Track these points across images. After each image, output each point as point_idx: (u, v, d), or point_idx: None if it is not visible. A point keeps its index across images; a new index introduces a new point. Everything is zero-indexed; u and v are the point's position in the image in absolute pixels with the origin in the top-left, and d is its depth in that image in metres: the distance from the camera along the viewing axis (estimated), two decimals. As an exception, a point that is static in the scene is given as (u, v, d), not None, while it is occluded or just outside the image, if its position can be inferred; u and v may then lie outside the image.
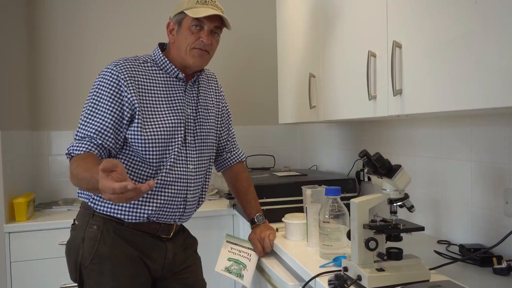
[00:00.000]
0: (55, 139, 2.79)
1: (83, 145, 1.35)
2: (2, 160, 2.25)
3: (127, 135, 1.42)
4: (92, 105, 1.41)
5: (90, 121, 1.39)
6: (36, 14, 2.76)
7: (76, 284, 1.48)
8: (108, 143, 1.39)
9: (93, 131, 1.37)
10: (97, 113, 1.40)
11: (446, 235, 1.61)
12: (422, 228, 1.18)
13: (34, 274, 2.23)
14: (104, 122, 1.38)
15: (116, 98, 1.40)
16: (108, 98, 1.40)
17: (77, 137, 1.39)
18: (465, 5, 1.03)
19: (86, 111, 1.42)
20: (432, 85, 1.15)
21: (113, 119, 1.39)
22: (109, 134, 1.39)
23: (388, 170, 1.16)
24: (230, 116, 1.76)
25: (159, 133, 1.43)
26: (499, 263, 1.24)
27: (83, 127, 1.39)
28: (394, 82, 1.29)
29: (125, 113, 1.41)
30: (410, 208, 1.18)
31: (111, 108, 1.39)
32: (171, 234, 1.53)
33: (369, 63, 1.43)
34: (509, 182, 1.33)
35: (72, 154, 1.35)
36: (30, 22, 2.74)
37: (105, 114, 1.39)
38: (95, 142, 1.37)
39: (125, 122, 1.41)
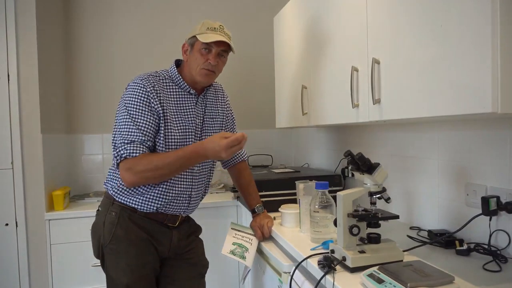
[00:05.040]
0: (87, 141, 2.80)
1: (137, 149, 1.34)
2: (43, 159, 2.27)
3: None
4: (132, 113, 1.37)
5: (135, 127, 1.36)
6: (72, 34, 2.76)
7: (99, 262, 1.50)
8: (151, 145, 1.39)
9: (142, 135, 1.36)
10: (140, 120, 1.36)
11: (417, 222, 1.61)
12: (397, 217, 1.18)
13: (70, 255, 2.24)
14: (148, 127, 1.37)
15: (149, 107, 1.38)
16: (145, 107, 1.38)
17: (125, 141, 1.35)
18: (432, 28, 1.03)
19: (128, 118, 1.37)
20: (405, 96, 1.16)
21: (153, 124, 1.38)
22: (152, 138, 1.39)
23: (368, 167, 1.17)
24: (234, 121, 1.75)
25: (174, 140, 1.43)
26: (461, 245, 1.25)
27: (131, 132, 1.35)
28: (373, 93, 1.29)
29: (157, 120, 1.40)
30: (387, 200, 1.19)
31: (150, 115, 1.38)
32: (177, 223, 1.53)
33: (352, 76, 1.43)
34: (469, 178, 1.34)
35: (128, 156, 1.34)
36: (66, 42, 2.75)
37: (147, 121, 1.37)
38: (146, 145, 1.36)
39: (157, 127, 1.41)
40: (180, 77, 1.50)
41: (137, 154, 1.34)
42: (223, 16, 2.86)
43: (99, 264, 1.51)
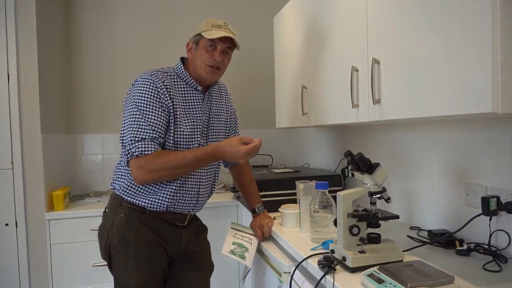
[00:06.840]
0: (87, 141, 2.80)
1: (148, 146, 1.33)
2: (43, 159, 2.27)
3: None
4: (143, 108, 1.35)
5: (146, 123, 1.34)
6: (72, 33, 2.76)
7: (106, 263, 1.49)
8: (162, 141, 1.38)
9: (152, 132, 1.34)
10: (150, 115, 1.35)
11: (417, 222, 1.61)
12: (397, 216, 1.18)
13: (70, 255, 2.24)
14: (158, 123, 1.36)
15: (160, 103, 1.38)
16: (155, 102, 1.37)
17: (136, 138, 1.33)
18: (433, 29, 1.03)
19: (138, 114, 1.35)
20: (405, 96, 1.16)
21: (164, 120, 1.38)
22: (163, 134, 1.38)
23: (368, 167, 1.17)
24: (237, 120, 1.75)
25: (183, 135, 1.43)
26: (461, 245, 1.25)
27: (141, 129, 1.34)
28: (373, 93, 1.29)
29: (167, 116, 1.39)
30: (387, 200, 1.19)
31: (160, 111, 1.37)
32: (186, 222, 1.53)
33: (352, 76, 1.43)
34: (469, 178, 1.34)
35: (140, 154, 1.32)
36: (66, 42, 2.75)
37: (157, 116, 1.36)
38: (157, 142, 1.35)
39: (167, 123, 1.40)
40: (187, 73, 1.50)
41: (149, 152, 1.33)
42: (223, 15, 2.83)
43: (99, 264, 1.51)
